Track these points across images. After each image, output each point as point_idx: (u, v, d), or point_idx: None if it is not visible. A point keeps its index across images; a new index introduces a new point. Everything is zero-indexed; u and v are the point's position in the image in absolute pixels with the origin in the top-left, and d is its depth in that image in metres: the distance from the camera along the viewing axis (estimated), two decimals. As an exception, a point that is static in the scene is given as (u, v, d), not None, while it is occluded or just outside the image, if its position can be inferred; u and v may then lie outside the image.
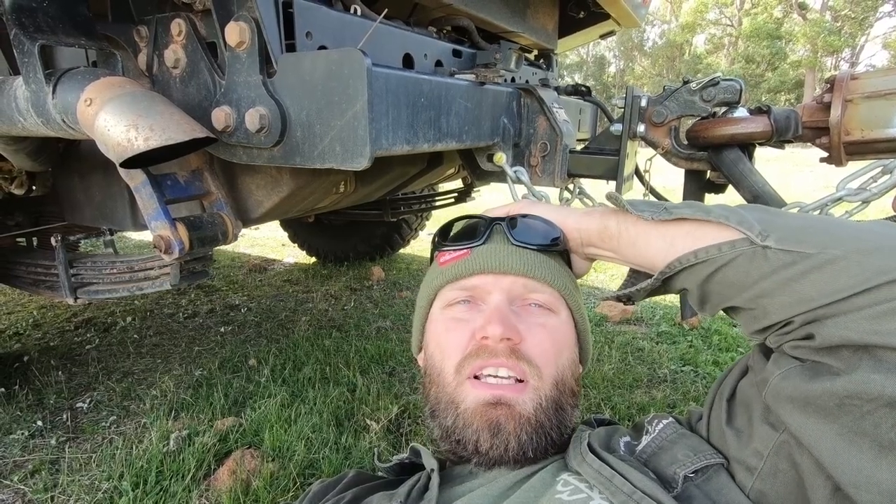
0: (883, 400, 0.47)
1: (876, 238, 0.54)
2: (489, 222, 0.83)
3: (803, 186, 7.63)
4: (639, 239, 0.71)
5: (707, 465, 0.60)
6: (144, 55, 1.05)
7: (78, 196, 1.65)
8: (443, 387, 0.73)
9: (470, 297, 0.78)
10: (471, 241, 0.81)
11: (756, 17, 27.58)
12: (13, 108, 0.98)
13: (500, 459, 0.67)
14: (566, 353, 0.76)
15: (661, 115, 1.18)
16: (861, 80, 0.95)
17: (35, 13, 0.89)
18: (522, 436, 0.66)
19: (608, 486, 0.58)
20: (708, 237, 0.63)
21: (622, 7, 1.95)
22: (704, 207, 0.65)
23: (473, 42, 1.58)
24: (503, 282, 0.76)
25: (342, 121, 0.83)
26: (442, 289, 0.81)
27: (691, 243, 0.64)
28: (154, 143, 0.79)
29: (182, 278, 1.28)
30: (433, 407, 0.74)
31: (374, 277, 3.41)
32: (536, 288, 0.77)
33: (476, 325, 0.73)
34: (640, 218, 0.69)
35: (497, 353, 0.69)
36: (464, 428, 0.68)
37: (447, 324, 0.77)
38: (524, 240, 0.79)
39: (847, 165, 1.01)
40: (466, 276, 0.78)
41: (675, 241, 0.66)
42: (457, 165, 2.00)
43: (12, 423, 1.71)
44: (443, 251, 0.83)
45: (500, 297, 0.74)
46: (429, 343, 0.81)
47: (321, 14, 1.01)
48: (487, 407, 0.67)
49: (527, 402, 0.68)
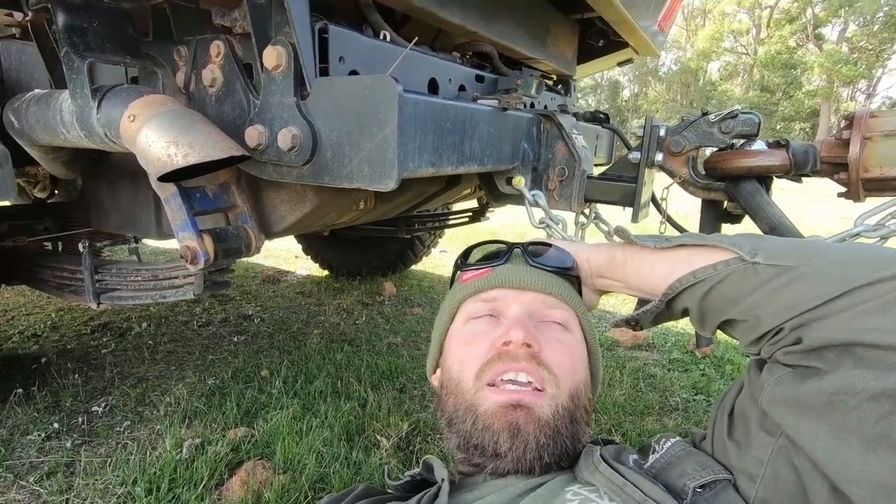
0: (866, 394, 0.49)
1: (852, 252, 0.63)
2: (510, 246, 0.89)
3: (818, 218, 7.57)
4: (643, 266, 0.78)
5: (715, 480, 0.61)
6: (183, 73, 1.10)
7: (105, 203, 1.70)
8: (461, 394, 0.75)
9: (492, 310, 0.81)
10: (492, 261, 0.87)
11: (771, 46, 27.69)
12: (58, 120, 1.03)
13: (517, 461, 0.67)
14: (581, 370, 0.78)
15: (679, 145, 1.20)
16: (880, 118, 0.97)
17: (85, 33, 0.94)
18: (541, 438, 0.67)
19: (619, 493, 0.59)
20: (705, 259, 0.69)
21: (640, 36, 1.99)
22: (702, 235, 0.73)
23: (495, 68, 1.62)
24: (523, 297, 0.80)
25: (372, 143, 0.86)
26: (464, 302, 0.84)
27: (690, 266, 0.70)
28: (193, 159, 0.83)
29: (205, 288, 1.31)
30: (451, 416, 0.75)
31: (386, 293, 3.43)
32: (554, 304, 0.81)
33: (496, 335, 0.75)
34: (643, 247, 0.78)
35: (518, 357, 0.71)
36: (483, 430, 0.69)
37: (467, 337, 0.80)
38: (542, 262, 0.85)
39: (865, 201, 1.02)
40: (489, 289, 0.82)
41: (676, 265, 0.72)
42: (473, 186, 2.03)
43: (29, 423, 1.74)
44: (465, 271, 0.88)
45: (519, 310, 0.78)
46: (447, 357, 0.83)
47: (354, 40, 1.06)
48: (507, 409, 0.69)
49: (545, 407, 0.69)
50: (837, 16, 26.74)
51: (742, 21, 32.27)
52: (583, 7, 1.73)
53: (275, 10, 0.93)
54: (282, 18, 0.92)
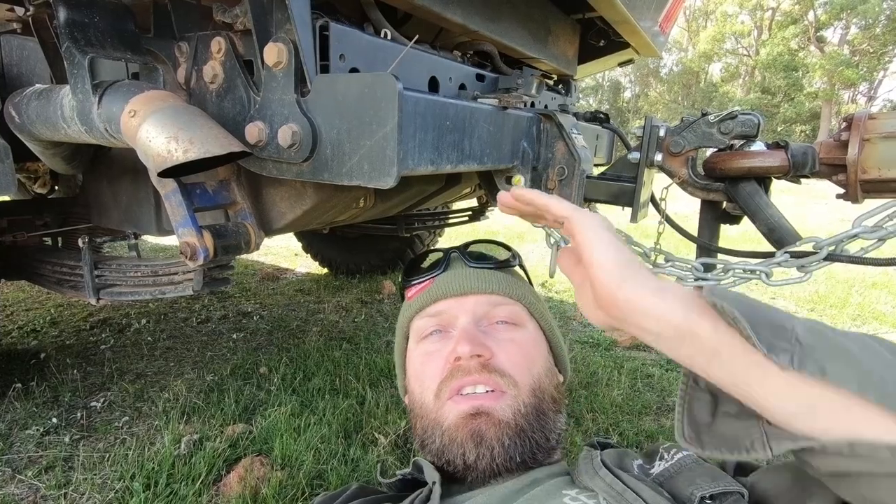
0: None
1: None
2: (446, 253, 0.90)
3: (818, 219, 7.58)
4: (751, 375, 0.46)
5: (726, 492, 0.57)
6: (183, 69, 1.10)
7: (105, 199, 1.70)
8: (426, 415, 0.76)
9: (439, 324, 0.82)
10: (432, 271, 0.88)
11: (773, 47, 27.68)
12: (58, 115, 1.03)
13: (488, 468, 0.68)
14: (539, 362, 0.79)
15: (678, 146, 1.20)
16: (878, 120, 0.97)
17: (87, 28, 0.94)
18: (504, 440, 0.68)
19: (619, 500, 0.58)
20: (866, 422, 0.42)
21: (642, 37, 1.99)
22: (851, 364, 0.44)
23: (496, 67, 1.62)
24: (466, 303, 0.81)
25: (372, 141, 0.86)
26: (412, 320, 0.86)
27: (842, 423, 0.43)
28: (193, 155, 0.83)
29: (205, 284, 1.31)
30: (422, 438, 0.77)
31: (385, 291, 3.43)
32: (499, 301, 0.82)
33: (447, 351, 0.76)
34: (759, 352, 0.45)
35: (470, 370, 0.72)
36: (450, 444, 0.71)
37: (421, 358, 0.81)
38: (480, 262, 0.86)
39: (863, 202, 1.02)
40: (431, 303, 0.83)
41: (817, 409, 0.44)
42: (473, 185, 2.04)
43: (28, 418, 1.74)
44: (409, 286, 0.89)
45: (465, 320, 0.79)
46: (410, 379, 0.84)
47: (355, 38, 1.06)
48: (468, 419, 0.70)
49: (505, 409, 0.70)
50: (839, 18, 26.74)
51: (744, 23, 32.27)
52: (584, 7, 1.73)
53: (276, 7, 0.93)
54: (283, 15, 0.93)
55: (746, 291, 3.93)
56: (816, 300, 3.66)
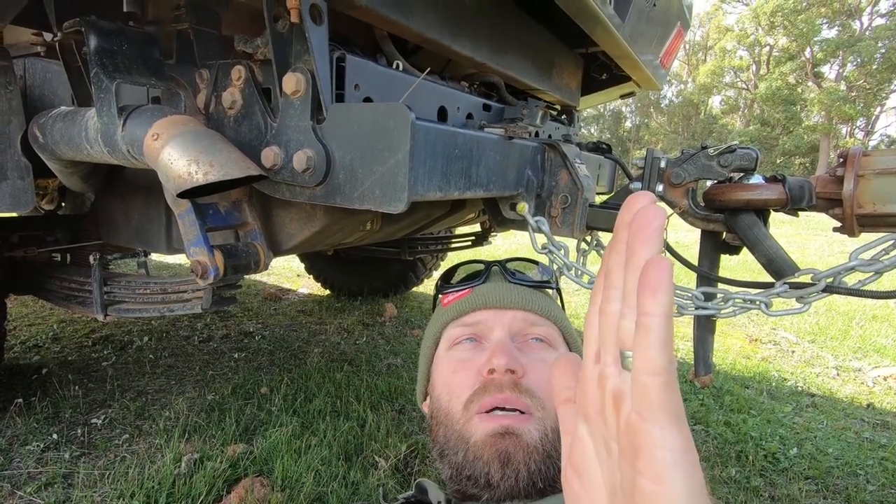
0: None
1: None
2: (488, 265, 0.90)
3: (817, 251, 7.60)
4: None
5: None
6: (203, 95, 1.15)
7: (117, 217, 1.74)
8: (451, 425, 0.74)
9: (473, 334, 0.81)
10: (472, 281, 0.88)
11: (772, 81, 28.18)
12: (83, 136, 1.07)
13: (510, 491, 0.67)
14: None
15: (679, 177, 1.24)
16: (872, 157, 1.01)
17: (115, 55, 0.99)
18: (532, 465, 0.67)
19: None
20: None
21: (643, 71, 2.05)
22: None
23: (502, 97, 1.68)
24: (504, 317, 0.81)
25: (384, 167, 0.90)
26: (446, 327, 0.85)
27: None
28: (212, 177, 0.87)
29: (213, 303, 1.33)
30: (442, 447, 0.75)
31: (387, 314, 3.44)
32: (536, 321, 0.81)
33: (480, 362, 0.76)
34: None
35: (503, 386, 0.71)
36: (474, 461, 0.69)
37: (453, 365, 0.80)
38: (520, 278, 0.86)
39: (860, 236, 1.05)
40: (469, 312, 0.83)
41: None
42: (477, 210, 2.07)
43: (28, 434, 1.74)
44: (446, 293, 0.89)
45: (502, 333, 0.79)
46: (435, 385, 0.83)
47: (369, 69, 1.11)
48: (496, 438, 0.69)
49: (532, 432, 0.69)
50: (836, 55, 27.31)
51: (742, 58, 32.93)
52: (587, 42, 1.79)
53: (296, 39, 0.98)
54: (302, 47, 0.97)
55: (747, 321, 3.90)
56: (817, 331, 3.66)
